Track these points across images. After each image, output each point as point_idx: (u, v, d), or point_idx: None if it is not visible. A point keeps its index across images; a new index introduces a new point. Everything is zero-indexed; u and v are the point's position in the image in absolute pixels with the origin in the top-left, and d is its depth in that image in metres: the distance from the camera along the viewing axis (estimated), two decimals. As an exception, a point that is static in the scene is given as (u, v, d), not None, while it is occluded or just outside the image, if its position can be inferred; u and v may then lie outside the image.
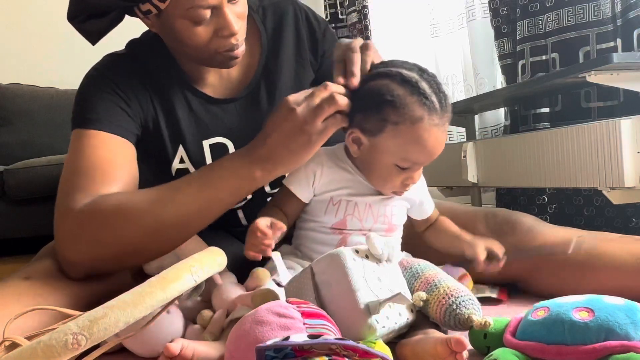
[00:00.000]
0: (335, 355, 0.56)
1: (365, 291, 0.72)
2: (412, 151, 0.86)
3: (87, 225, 0.88)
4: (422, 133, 0.84)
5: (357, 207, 0.92)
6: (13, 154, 2.59)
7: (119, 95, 1.00)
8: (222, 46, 0.94)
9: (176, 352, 0.67)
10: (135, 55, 1.06)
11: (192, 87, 1.05)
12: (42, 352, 0.57)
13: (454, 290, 0.77)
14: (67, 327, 0.59)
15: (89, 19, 0.96)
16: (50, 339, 0.58)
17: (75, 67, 1.19)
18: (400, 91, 0.84)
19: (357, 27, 2.94)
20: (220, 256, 0.77)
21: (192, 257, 0.72)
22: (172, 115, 1.04)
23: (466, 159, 1.77)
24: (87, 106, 0.99)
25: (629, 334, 0.60)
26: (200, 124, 1.05)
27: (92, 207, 0.88)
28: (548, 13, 1.78)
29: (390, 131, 0.85)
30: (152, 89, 1.04)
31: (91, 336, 0.59)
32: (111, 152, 0.95)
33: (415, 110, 0.84)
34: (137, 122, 1.02)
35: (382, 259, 0.78)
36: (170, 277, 0.67)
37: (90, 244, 0.88)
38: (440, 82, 0.88)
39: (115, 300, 0.63)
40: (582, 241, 0.97)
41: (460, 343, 0.66)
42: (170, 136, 1.04)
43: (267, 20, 1.11)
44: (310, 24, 1.13)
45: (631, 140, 1.23)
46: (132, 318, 0.62)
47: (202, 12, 0.89)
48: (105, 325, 0.60)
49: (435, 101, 0.84)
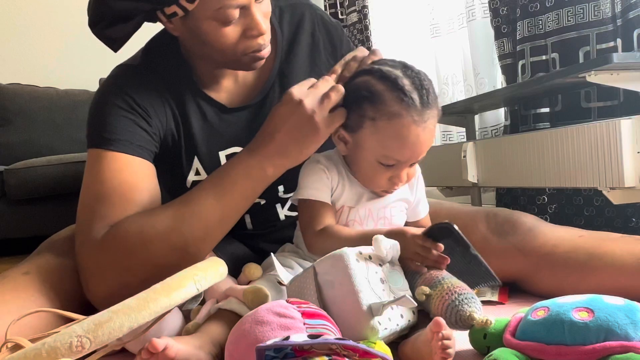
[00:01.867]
0: (335, 355, 0.56)
1: (368, 292, 0.72)
2: (392, 148, 0.85)
3: (112, 254, 0.86)
4: (400, 129, 0.84)
5: (357, 213, 0.92)
6: (13, 154, 2.60)
7: (138, 113, 0.95)
8: (249, 47, 0.91)
9: (159, 349, 0.66)
10: (149, 66, 1.01)
11: (206, 96, 1.01)
12: (46, 354, 0.58)
13: (457, 287, 0.77)
14: (72, 329, 0.60)
15: (112, 25, 0.92)
16: (54, 341, 0.59)
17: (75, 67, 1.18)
18: (379, 87, 0.85)
19: (357, 27, 2.94)
20: (222, 266, 0.78)
21: (196, 267, 0.73)
22: (188, 126, 1.00)
23: (466, 159, 1.77)
24: (104, 124, 0.94)
25: (628, 334, 0.60)
26: (215, 135, 1.02)
27: (114, 235, 0.86)
28: (548, 13, 1.78)
29: (369, 127, 0.86)
30: (170, 100, 1.00)
31: (95, 339, 0.60)
32: (132, 176, 0.92)
33: (392, 106, 0.83)
34: (157, 140, 0.98)
35: (385, 261, 0.78)
36: (174, 284, 0.68)
37: (118, 272, 0.86)
38: (425, 79, 0.87)
39: (120, 305, 0.64)
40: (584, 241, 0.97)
41: (437, 323, 0.66)
42: (186, 148, 1.01)
43: (284, 22, 1.08)
44: (327, 29, 1.11)
45: (631, 140, 1.23)
46: (136, 323, 0.63)
47: (231, 12, 0.86)
48: (110, 329, 0.61)
49: (415, 98, 0.84)
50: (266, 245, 1.12)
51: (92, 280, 0.88)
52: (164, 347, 0.67)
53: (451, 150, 1.91)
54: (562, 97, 1.82)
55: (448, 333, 0.66)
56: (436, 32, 2.48)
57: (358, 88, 0.87)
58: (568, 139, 1.38)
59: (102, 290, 0.87)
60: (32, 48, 3.03)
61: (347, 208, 0.92)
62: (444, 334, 0.66)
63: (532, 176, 1.52)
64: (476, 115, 2.19)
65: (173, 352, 0.68)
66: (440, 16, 2.45)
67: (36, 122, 2.80)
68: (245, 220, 1.09)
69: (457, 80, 2.43)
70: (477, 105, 1.98)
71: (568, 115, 1.80)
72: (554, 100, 1.85)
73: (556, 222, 1.15)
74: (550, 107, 1.86)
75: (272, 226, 1.12)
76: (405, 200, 0.97)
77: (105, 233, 0.87)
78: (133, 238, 0.85)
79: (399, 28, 2.77)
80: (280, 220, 1.11)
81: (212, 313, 0.83)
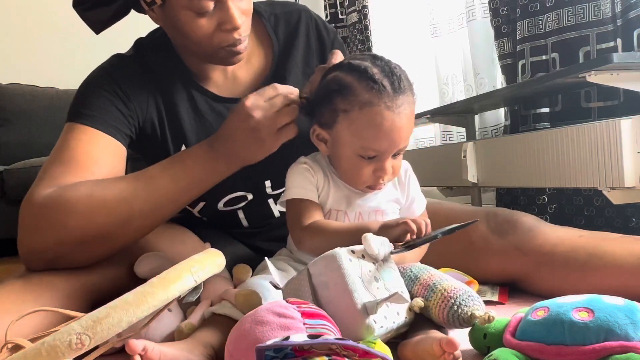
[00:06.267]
0: (335, 355, 0.56)
1: (362, 291, 0.72)
2: (368, 137, 0.83)
3: (53, 211, 0.87)
4: (373, 117, 0.82)
5: (347, 217, 0.91)
6: (13, 154, 2.60)
7: (118, 95, 0.99)
8: (225, 40, 0.94)
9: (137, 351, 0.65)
10: (142, 56, 1.06)
11: (198, 85, 1.06)
12: (46, 353, 0.58)
13: (451, 290, 0.77)
14: (70, 327, 0.60)
15: (95, 6, 0.97)
16: (54, 339, 0.59)
17: (75, 67, 1.19)
18: (348, 79, 0.84)
19: (357, 27, 2.94)
20: (219, 257, 0.78)
21: (192, 258, 0.73)
22: (176, 115, 1.04)
23: (466, 159, 1.77)
24: (84, 101, 0.99)
25: (628, 335, 0.60)
26: (205, 123, 1.05)
27: (60, 194, 0.88)
28: (548, 13, 1.78)
29: (343, 120, 0.85)
30: (158, 90, 1.04)
31: (95, 336, 0.60)
32: (97, 149, 0.95)
33: (363, 95, 0.82)
34: (133, 125, 1.01)
35: (378, 259, 0.77)
36: (171, 277, 0.68)
37: (55, 229, 0.87)
38: (396, 67, 0.86)
39: (118, 300, 0.63)
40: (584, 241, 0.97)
41: (451, 343, 0.65)
42: (173, 136, 1.05)
43: (279, 29, 1.11)
44: (320, 34, 1.13)
45: (631, 140, 1.23)
46: (134, 318, 0.63)
47: (205, 3, 0.89)
48: (109, 325, 0.61)
49: (386, 84, 0.82)
50: (264, 244, 1.13)
51: (28, 233, 0.90)
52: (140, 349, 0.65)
53: (451, 150, 1.91)
54: (562, 97, 1.82)
55: (459, 353, 0.67)
56: (436, 32, 2.48)
57: (328, 84, 0.86)
58: (568, 139, 1.38)
59: (35, 243, 0.89)
60: (32, 48, 3.03)
61: (335, 212, 0.90)
62: (455, 355, 0.66)
63: (532, 176, 1.52)
64: (476, 115, 2.19)
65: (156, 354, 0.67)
66: (440, 16, 2.45)
67: (36, 122, 2.80)
68: (239, 216, 1.11)
69: (457, 80, 2.43)
70: (477, 105, 1.98)
71: (568, 115, 1.80)
72: (554, 100, 1.85)
73: (556, 222, 1.15)
74: (550, 107, 1.86)
75: (267, 223, 1.13)
76: (396, 201, 0.94)
77: (52, 191, 0.88)
78: (80, 200, 0.87)
79: (399, 28, 2.77)
80: (275, 217, 1.13)
81: (205, 317, 0.83)
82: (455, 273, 0.99)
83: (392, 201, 0.94)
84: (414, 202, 0.96)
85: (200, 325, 0.82)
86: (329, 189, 0.90)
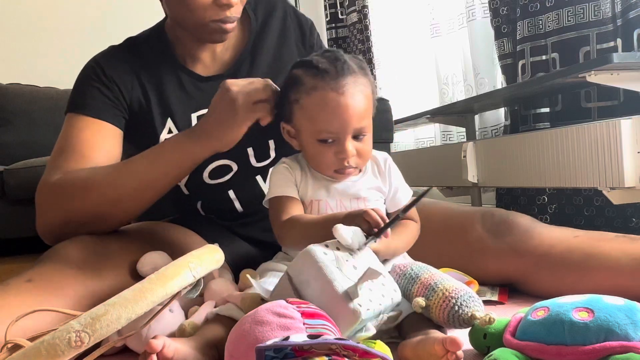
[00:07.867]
0: (335, 355, 0.56)
1: (342, 280, 0.72)
2: (320, 120, 0.89)
3: (58, 196, 1.00)
4: (320, 100, 0.88)
5: (328, 206, 0.92)
6: (13, 154, 2.59)
7: (102, 81, 1.09)
8: (217, 14, 1.02)
9: (158, 349, 0.66)
10: (131, 45, 1.16)
11: (185, 68, 1.14)
12: (45, 352, 0.58)
13: (452, 291, 0.77)
14: (69, 325, 0.59)
15: None
16: (53, 337, 0.59)
17: (75, 67, 1.19)
18: (298, 72, 0.92)
19: (357, 27, 2.94)
20: (218, 253, 0.78)
21: (191, 254, 0.73)
22: (163, 92, 1.12)
23: (466, 159, 1.77)
24: (76, 92, 1.10)
25: (628, 335, 0.60)
26: (191, 99, 1.13)
27: (64, 180, 1.00)
28: (548, 13, 1.78)
29: (298, 110, 0.91)
30: (145, 71, 1.12)
31: (94, 333, 0.60)
32: (92, 135, 1.06)
33: (309, 82, 0.89)
34: (122, 105, 1.10)
35: (353, 248, 0.77)
36: (169, 273, 0.68)
37: (61, 212, 1.01)
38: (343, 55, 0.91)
39: (116, 297, 0.63)
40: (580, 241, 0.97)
41: (454, 343, 0.66)
42: (159, 110, 1.12)
43: (258, 10, 1.21)
44: (298, 19, 1.24)
45: (631, 140, 1.23)
46: (133, 314, 0.63)
47: None
48: (107, 322, 0.61)
49: (330, 69, 0.88)
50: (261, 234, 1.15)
51: (41, 216, 1.04)
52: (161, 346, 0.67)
53: (451, 150, 1.91)
54: (562, 97, 1.82)
55: (461, 354, 0.67)
56: (436, 32, 2.48)
57: (284, 82, 0.95)
58: (568, 139, 1.38)
59: (47, 224, 1.03)
60: (32, 48, 3.03)
61: (316, 202, 0.93)
62: (457, 355, 0.66)
63: (532, 176, 1.52)
64: (476, 115, 2.19)
65: (171, 352, 0.67)
66: (440, 16, 2.45)
67: (36, 122, 2.80)
68: (231, 196, 1.15)
69: (457, 80, 2.43)
70: (477, 105, 1.98)
71: (568, 115, 1.80)
72: (554, 100, 1.85)
73: (556, 222, 1.15)
74: (550, 107, 1.86)
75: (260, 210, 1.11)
76: (377, 189, 0.96)
77: (57, 178, 1.01)
78: (77, 185, 1.00)
79: (399, 28, 2.77)
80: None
81: (209, 318, 0.83)
82: (455, 273, 0.99)
83: (373, 189, 0.95)
84: (398, 191, 0.98)
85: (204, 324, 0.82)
86: (307, 181, 0.94)
